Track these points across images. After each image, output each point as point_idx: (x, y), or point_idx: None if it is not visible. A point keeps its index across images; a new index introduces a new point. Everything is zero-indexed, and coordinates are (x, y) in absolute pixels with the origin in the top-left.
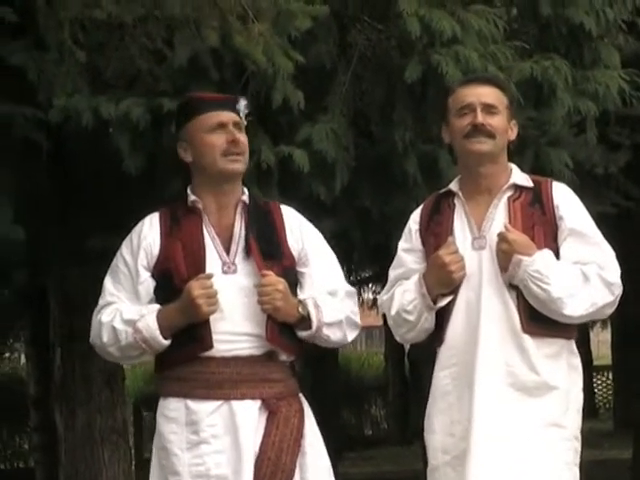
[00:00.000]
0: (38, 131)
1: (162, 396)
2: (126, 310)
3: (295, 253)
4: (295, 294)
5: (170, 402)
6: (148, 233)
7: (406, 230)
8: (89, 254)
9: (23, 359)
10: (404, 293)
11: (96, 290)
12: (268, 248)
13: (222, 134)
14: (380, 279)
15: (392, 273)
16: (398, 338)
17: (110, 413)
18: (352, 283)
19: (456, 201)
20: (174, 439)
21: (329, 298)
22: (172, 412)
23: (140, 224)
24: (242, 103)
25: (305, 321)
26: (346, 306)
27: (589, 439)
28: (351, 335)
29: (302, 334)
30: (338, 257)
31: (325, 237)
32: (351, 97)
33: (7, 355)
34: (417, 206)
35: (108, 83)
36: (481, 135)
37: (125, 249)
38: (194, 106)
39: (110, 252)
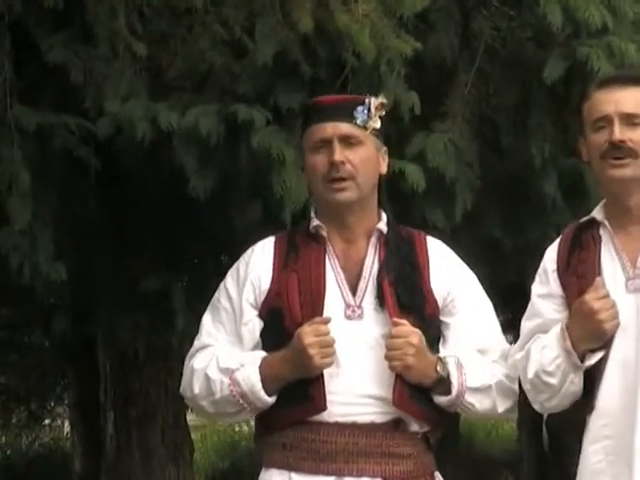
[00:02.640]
0: (84, 146)
1: (263, 466)
2: (224, 356)
3: (439, 299)
4: (437, 350)
5: (272, 474)
6: (258, 262)
7: (540, 271)
8: (146, 298)
9: (67, 427)
10: (543, 350)
11: (153, 341)
12: (406, 293)
13: (325, 153)
14: (512, 328)
15: (526, 325)
16: (537, 406)
17: None
18: None
19: (602, 232)
20: None
21: (478, 357)
22: None
23: (250, 251)
24: (365, 105)
25: (444, 384)
26: (499, 368)
27: None
28: (503, 405)
29: (439, 400)
30: None
31: None
32: (476, 100)
33: (47, 422)
34: (558, 236)
35: (172, 85)
36: (621, 154)
37: (230, 280)
38: (306, 115)
39: (172, 296)
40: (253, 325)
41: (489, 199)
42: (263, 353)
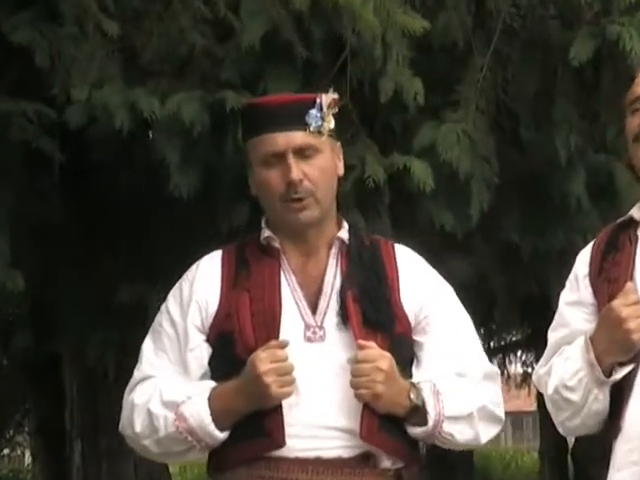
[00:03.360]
0: (48, 137)
1: None
2: (168, 388)
3: (411, 315)
4: (409, 374)
5: None
6: (204, 280)
7: (571, 276)
8: (118, 311)
9: (28, 457)
10: (565, 362)
11: (129, 361)
12: (373, 309)
13: (279, 170)
14: (533, 345)
15: (552, 336)
16: (560, 428)
17: None
18: (493, 350)
19: (639, 233)
20: None
21: (456, 381)
22: None
23: (194, 267)
24: (317, 106)
25: (419, 413)
26: (482, 393)
27: None
28: (487, 434)
29: (414, 431)
30: (472, 313)
31: (454, 286)
32: (492, 86)
33: (6, 452)
34: (585, 241)
35: (148, 69)
36: None
37: (172, 302)
38: (247, 120)
39: (148, 309)
40: (200, 351)
41: (507, 199)
42: (213, 383)
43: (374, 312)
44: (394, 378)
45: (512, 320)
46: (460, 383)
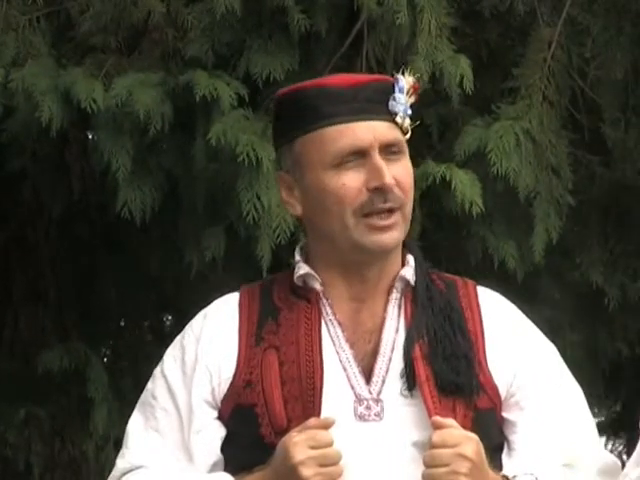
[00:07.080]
0: None
1: None
2: None
3: (501, 385)
4: (498, 465)
5: None
6: (216, 336)
7: None
8: (45, 380)
9: None
10: None
11: (55, 447)
12: (449, 368)
13: (360, 171)
14: (623, 427)
15: None
16: None
17: None
18: None
19: None
20: None
21: (564, 475)
22: None
23: (201, 317)
24: (402, 88)
25: None
26: None
27: None
28: None
29: None
30: None
31: None
32: (564, 69)
33: None
34: None
35: (87, 43)
36: None
37: (171, 365)
38: (303, 106)
39: (87, 377)
40: (210, 433)
41: (585, 225)
42: (228, 477)
43: (451, 372)
44: (483, 470)
45: (594, 394)
46: (569, 476)
